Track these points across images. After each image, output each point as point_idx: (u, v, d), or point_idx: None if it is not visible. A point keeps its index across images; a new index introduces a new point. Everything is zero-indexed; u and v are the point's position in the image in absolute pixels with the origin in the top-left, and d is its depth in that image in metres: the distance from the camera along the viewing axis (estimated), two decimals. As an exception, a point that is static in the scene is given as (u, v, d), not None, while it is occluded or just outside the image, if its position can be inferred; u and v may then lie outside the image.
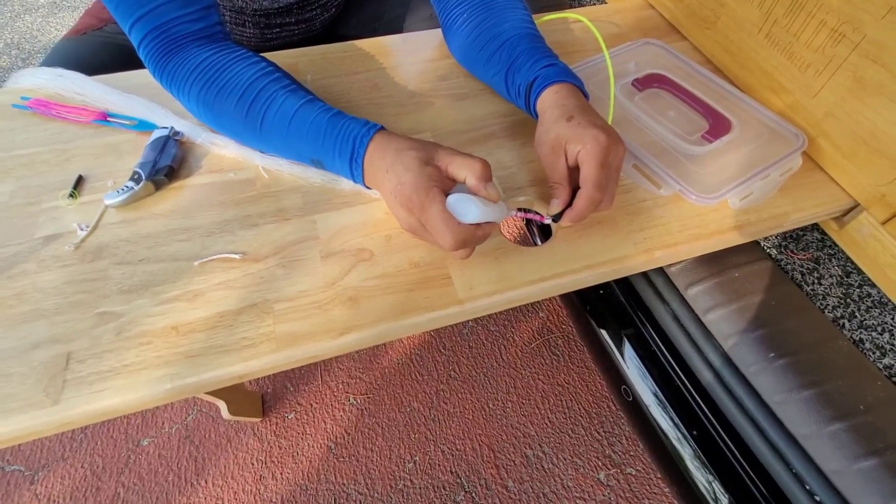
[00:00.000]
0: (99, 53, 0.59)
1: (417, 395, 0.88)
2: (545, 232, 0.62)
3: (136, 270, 0.38)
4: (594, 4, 0.77)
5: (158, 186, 0.43)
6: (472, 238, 0.35)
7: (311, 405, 0.86)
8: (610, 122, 0.44)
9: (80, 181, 0.43)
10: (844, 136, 0.43)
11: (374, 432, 0.83)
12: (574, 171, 0.41)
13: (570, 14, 0.57)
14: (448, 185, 0.37)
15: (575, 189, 0.40)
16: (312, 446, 0.81)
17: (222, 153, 0.46)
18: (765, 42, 0.49)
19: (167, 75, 0.42)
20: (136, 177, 0.42)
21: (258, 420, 0.83)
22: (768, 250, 0.49)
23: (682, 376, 0.49)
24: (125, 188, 0.41)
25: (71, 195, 0.42)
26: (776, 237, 0.50)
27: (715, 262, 0.47)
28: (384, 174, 0.37)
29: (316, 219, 0.42)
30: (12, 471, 0.79)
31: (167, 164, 0.43)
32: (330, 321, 0.36)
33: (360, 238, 0.41)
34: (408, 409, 0.86)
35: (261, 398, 0.86)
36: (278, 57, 0.56)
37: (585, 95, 0.44)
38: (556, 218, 0.40)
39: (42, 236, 0.40)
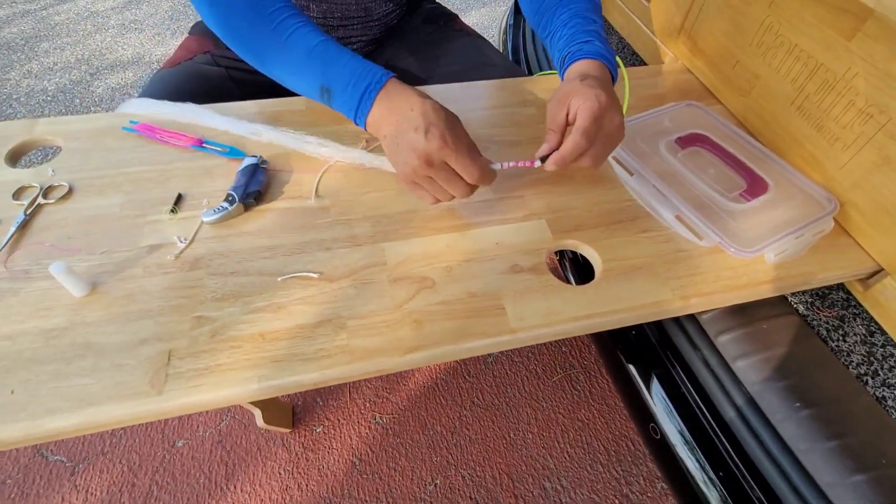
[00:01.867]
0: (190, 82, 0.67)
1: (441, 418, 0.90)
2: (581, 273, 0.66)
3: (228, 281, 0.43)
4: (634, 66, 0.83)
5: (247, 208, 0.49)
6: (488, 176, 0.42)
7: (339, 420, 0.89)
8: (624, 111, 0.48)
9: (179, 199, 0.49)
10: (870, 205, 0.47)
11: (397, 452, 0.86)
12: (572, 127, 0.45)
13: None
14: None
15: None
16: (338, 461, 0.84)
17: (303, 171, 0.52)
18: (796, 114, 0.54)
19: None
20: (230, 198, 0.48)
21: (288, 431, 0.87)
22: (795, 306, 0.52)
23: (710, 418, 0.51)
24: (221, 208, 0.47)
25: (172, 210, 0.48)
26: (803, 294, 0.53)
27: (744, 313, 0.51)
28: (406, 113, 0.41)
29: (384, 246, 0.47)
30: (55, 461, 0.83)
31: (256, 189, 0.49)
32: (397, 339, 0.40)
33: (422, 267, 0.45)
34: (431, 432, 0.88)
35: (291, 410, 0.89)
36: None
37: (613, 73, 0.48)
38: (543, 160, 0.45)
39: (147, 245, 0.45)
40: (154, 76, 0.67)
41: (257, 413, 0.78)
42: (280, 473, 0.83)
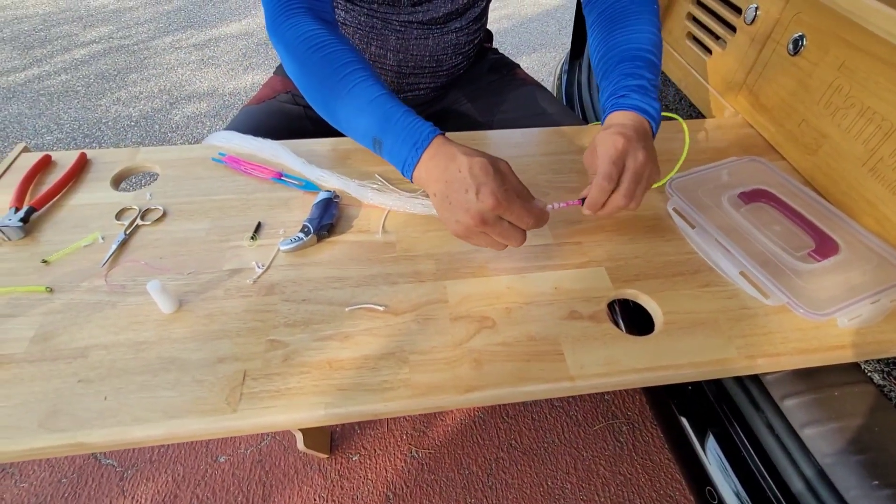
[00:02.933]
0: (271, 118, 0.73)
1: (477, 458, 0.89)
2: (633, 320, 0.65)
3: (300, 308, 0.46)
4: (692, 118, 0.84)
5: (320, 239, 0.52)
6: (542, 220, 0.44)
7: (376, 451, 0.89)
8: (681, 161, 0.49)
9: (259, 227, 0.53)
10: (955, 274, 0.45)
11: (431, 489, 0.85)
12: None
13: (666, 114, 0.63)
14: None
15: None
16: (372, 492, 0.84)
17: (371, 205, 0.55)
18: (869, 175, 0.53)
19: (279, 32, 0.51)
20: (305, 229, 0.51)
21: (325, 457, 0.88)
22: (869, 374, 0.50)
23: (773, 485, 0.48)
24: (296, 238, 0.50)
25: (252, 238, 0.52)
26: (877, 361, 0.51)
27: (812, 378, 0.49)
28: (454, 174, 0.41)
29: (446, 284, 0.48)
30: (107, 464, 0.87)
31: (329, 222, 0.52)
32: (457, 377, 0.41)
33: (483, 307, 0.47)
34: (466, 472, 0.87)
35: (330, 435, 0.90)
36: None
37: (652, 123, 0.49)
38: (583, 202, 0.47)
39: (228, 269, 0.49)
40: (240, 111, 0.74)
41: (299, 436, 0.80)
42: (315, 500, 0.83)
